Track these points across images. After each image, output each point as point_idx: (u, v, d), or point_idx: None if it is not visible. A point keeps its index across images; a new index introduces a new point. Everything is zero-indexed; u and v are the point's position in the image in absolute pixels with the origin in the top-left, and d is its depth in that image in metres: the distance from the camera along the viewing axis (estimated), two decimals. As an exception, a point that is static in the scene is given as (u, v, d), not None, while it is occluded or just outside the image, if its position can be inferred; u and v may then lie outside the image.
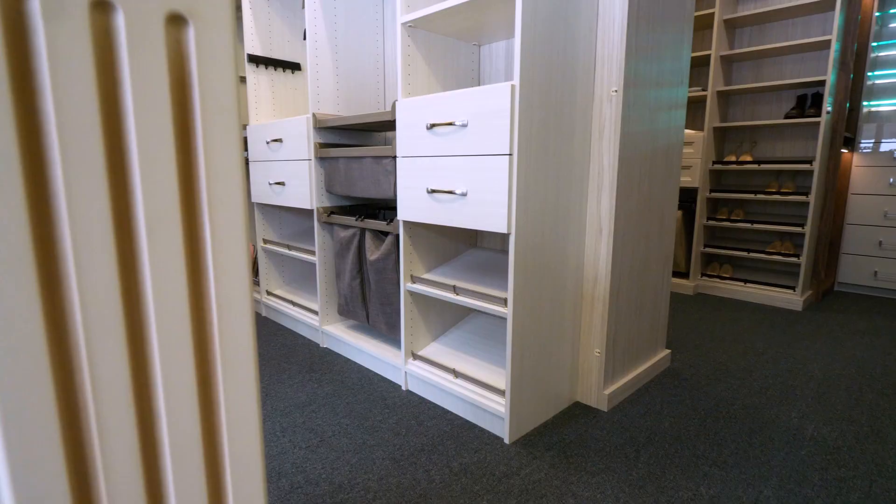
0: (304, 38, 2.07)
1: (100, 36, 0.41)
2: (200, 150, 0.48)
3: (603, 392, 1.60)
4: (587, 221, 1.57)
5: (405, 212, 1.60)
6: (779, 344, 2.22)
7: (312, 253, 2.18)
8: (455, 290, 1.54)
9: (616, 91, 1.47)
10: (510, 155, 1.28)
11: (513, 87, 1.25)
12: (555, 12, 1.33)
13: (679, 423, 1.52)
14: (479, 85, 1.85)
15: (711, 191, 3.07)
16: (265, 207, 2.54)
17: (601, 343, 1.59)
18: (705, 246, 3.13)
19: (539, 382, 1.49)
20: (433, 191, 1.47)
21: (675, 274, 3.22)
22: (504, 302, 1.40)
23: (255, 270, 2.76)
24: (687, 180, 3.06)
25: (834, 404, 1.65)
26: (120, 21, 0.42)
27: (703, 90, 3.06)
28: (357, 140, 2.14)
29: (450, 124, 1.40)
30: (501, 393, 1.45)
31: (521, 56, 1.25)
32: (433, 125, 1.44)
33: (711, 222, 3.07)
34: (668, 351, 1.97)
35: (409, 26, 1.57)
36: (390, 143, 2.23)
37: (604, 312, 1.57)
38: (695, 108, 3.31)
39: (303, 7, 2.19)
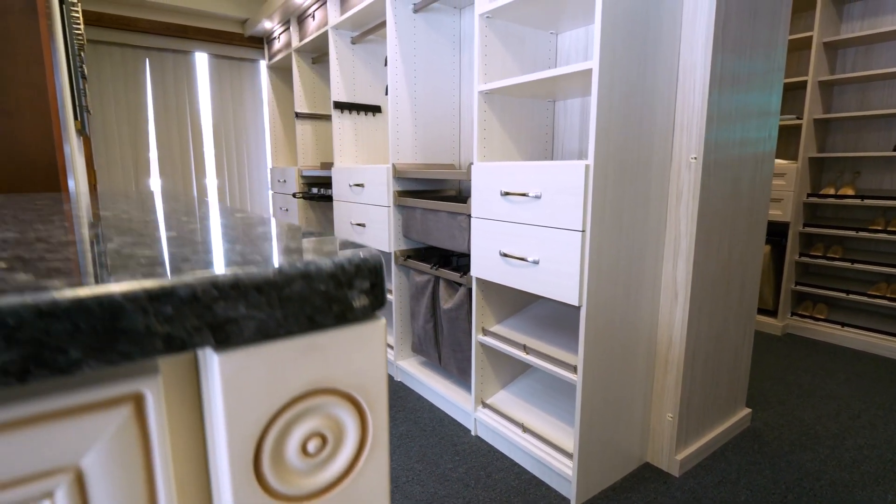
0: (386, 94, 2.21)
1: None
2: None
3: (675, 457, 1.58)
4: (662, 286, 1.56)
5: (478, 269, 1.67)
6: (879, 405, 2.04)
7: (389, 291, 2.31)
8: (525, 349, 1.59)
9: (695, 158, 1.45)
10: (582, 231, 1.31)
11: (587, 166, 1.28)
12: (632, 82, 1.34)
13: (757, 496, 1.47)
14: (552, 139, 1.88)
15: (805, 225, 2.86)
16: (346, 242, 2.72)
17: (674, 407, 1.57)
18: (796, 283, 2.92)
19: (608, 444, 1.50)
20: (505, 255, 1.53)
21: (762, 311, 3.03)
22: (574, 368, 1.43)
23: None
24: (777, 214, 2.87)
25: (941, 490, 1.51)
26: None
27: (798, 118, 2.86)
28: (433, 185, 2.25)
29: (523, 195, 1.45)
30: (569, 455, 1.49)
31: (595, 134, 1.28)
32: (507, 193, 1.50)
33: (804, 259, 2.86)
34: (749, 410, 1.89)
35: (486, 93, 1.64)
36: (464, 189, 2.31)
37: (678, 377, 1.55)
38: (787, 136, 3.09)
39: (385, 65, 2.33)
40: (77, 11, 1.94)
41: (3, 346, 0.17)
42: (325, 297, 0.24)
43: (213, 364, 0.22)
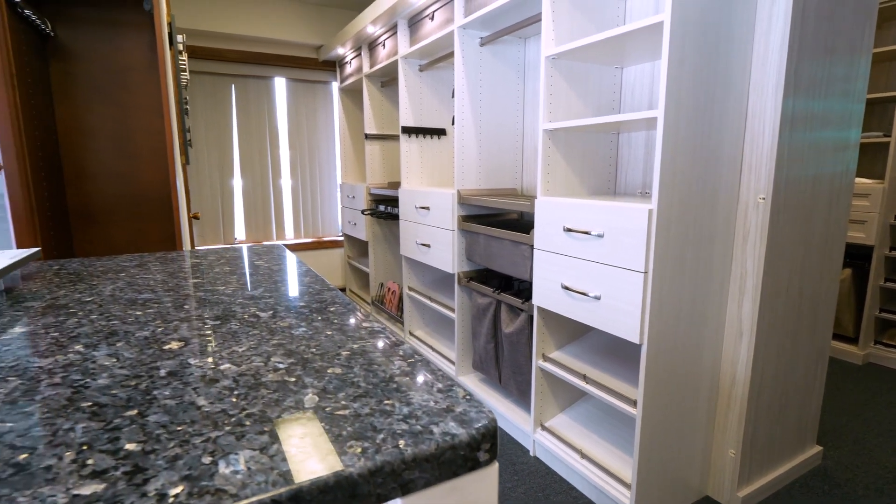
0: (453, 124, 2.32)
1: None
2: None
3: (737, 493, 1.58)
4: (726, 324, 1.56)
5: (540, 299, 1.74)
6: (972, 451, 1.91)
7: (452, 309, 2.43)
8: (585, 378, 1.65)
9: (763, 198, 1.44)
10: (645, 273, 1.35)
11: (650, 211, 1.32)
12: (699, 124, 1.36)
13: (824, 543, 1.45)
14: (615, 171, 1.91)
15: (891, 248, 2.68)
16: (411, 259, 2.87)
17: (737, 444, 1.57)
18: (881, 310, 2.74)
19: (666, 476, 1.53)
20: (567, 287, 1.59)
21: (841, 338, 2.87)
22: (633, 402, 1.47)
23: (401, 309, 3.12)
24: (859, 236, 2.71)
25: None
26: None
27: (886, 135, 2.68)
28: (496, 209, 2.34)
29: (585, 232, 1.51)
30: (627, 485, 1.53)
31: (660, 179, 1.32)
32: (569, 229, 1.56)
33: (889, 284, 2.68)
34: (819, 448, 1.84)
35: (550, 130, 1.71)
36: (526, 214, 2.38)
37: (741, 414, 1.55)
38: (873, 154, 2.90)
39: (452, 96, 2.44)
40: (184, 59, 2.20)
41: None
42: (463, 457, 0.35)
43: (398, 504, 0.34)
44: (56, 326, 0.63)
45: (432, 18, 2.40)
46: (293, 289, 0.82)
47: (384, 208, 3.08)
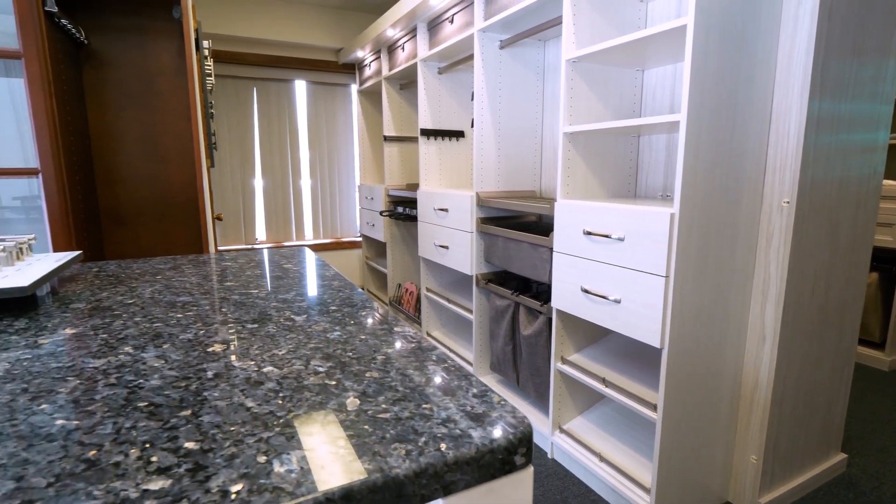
0: (472, 126, 2.34)
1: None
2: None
3: (758, 500, 1.57)
4: (748, 328, 1.55)
5: (559, 301, 1.75)
6: None
7: (470, 311, 2.44)
8: (605, 382, 1.65)
9: (788, 202, 1.43)
10: (666, 277, 1.35)
11: (672, 215, 1.32)
12: (722, 127, 1.36)
13: (849, 551, 1.43)
14: (635, 173, 1.91)
15: (921, 252, 2.62)
16: (429, 261, 2.89)
17: (758, 449, 1.55)
18: (909, 315, 2.68)
19: (686, 481, 1.53)
20: (586, 290, 1.60)
21: (867, 343, 2.82)
22: (653, 406, 1.47)
23: (418, 310, 3.15)
24: (887, 240, 2.65)
25: None
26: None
27: (915, 135, 2.62)
28: (514, 211, 2.34)
29: (606, 236, 1.51)
30: (646, 490, 1.53)
31: (682, 184, 1.31)
32: (589, 232, 1.57)
33: (919, 289, 2.62)
34: (844, 455, 1.81)
35: (571, 133, 1.71)
36: (545, 216, 2.38)
37: (763, 419, 1.54)
38: (903, 152, 2.83)
39: (472, 99, 2.45)
40: (210, 64, 2.25)
41: None
42: (501, 461, 0.37)
43: (440, 504, 0.36)
44: (104, 328, 0.66)
45: (452, 21, 2.42)
46: (324, 292, 0.85)
47: (402, 210, 3.11)
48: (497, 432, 0.39)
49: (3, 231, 1.80)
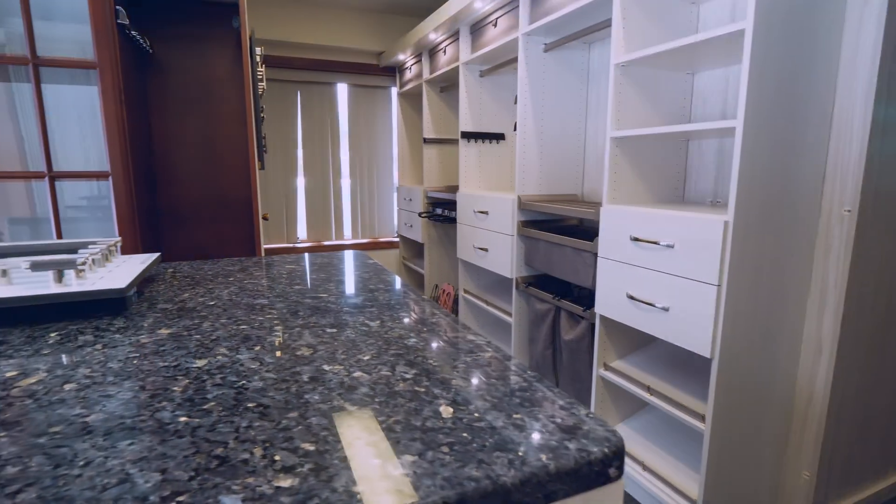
0: (515, 130, 2.34)
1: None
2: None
3: (810, 516, 1.52)
4: (803, 340, 1.51)
5: (603, 307, 1.74)
6: None
7: (509, 314, 2.46)
8: (650, 390, 1.63)
9: (849, 211, 1.38)
10: (718, 286, 1.33)
11: (726, 223, 1.30)
12: (779, 132, 1.33)
13: (910, 574, 1.38)
14: (684, 179, 1.88)
15: None
16: (467, 263, 2.92)
17: (812, 465, 1.51)
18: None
19: (734, 494, 1.50)
20: (632, 297, 1.59)
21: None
22: (702, 417, 1.45)
23: (455, 311, 3.18)
24: (950, 248, 2.51)
25: None
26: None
27: (985, 138, 2.47)
28: (556, 214, 2.34)
29: (654, 242, 1.50)
30: (693, 502, 1.51)
31: (737, 191, 1.29)
32: (636, 239, 1.56)
33: None
34: (903, 474, 1.74)
35: (618, 138, 1.70)
36: (587, 220, 2.37)
37: (818, 434, 1.50)
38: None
39: (515, 102, 2.46)
40: (262, 70, 2.34)
41: None
42: (597, 473, 0.39)
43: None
44: (195, 329, 0.71)
45: (495, 25, 2.43)
46: (391, 297, 0.88)
47: (441, 211, 3.14)
48: (592, 445, 0.41)
49: (72, 230, 1.92)
